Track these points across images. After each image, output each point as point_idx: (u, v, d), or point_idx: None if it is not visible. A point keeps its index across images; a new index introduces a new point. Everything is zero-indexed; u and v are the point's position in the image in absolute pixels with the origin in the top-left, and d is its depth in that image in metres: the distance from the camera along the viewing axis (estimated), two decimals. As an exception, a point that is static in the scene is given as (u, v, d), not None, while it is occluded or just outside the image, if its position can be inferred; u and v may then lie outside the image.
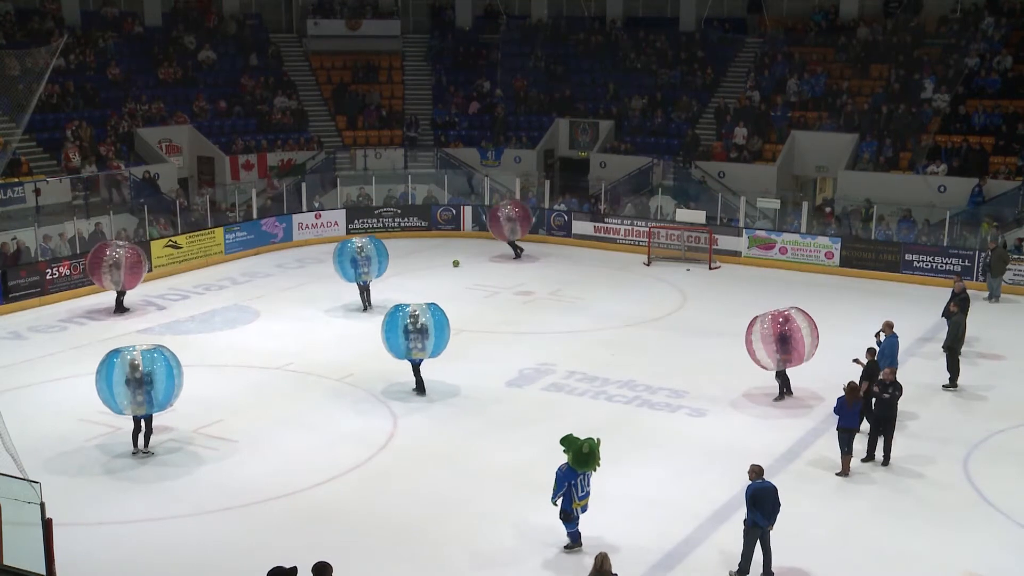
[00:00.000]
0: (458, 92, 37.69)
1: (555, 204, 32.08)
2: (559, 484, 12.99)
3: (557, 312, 23.90)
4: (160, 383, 15.60)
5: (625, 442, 16.44)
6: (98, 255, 22.93)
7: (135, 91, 33.28)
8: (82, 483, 14.86)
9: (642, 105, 35.57)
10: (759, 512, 12.33)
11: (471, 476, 15.20)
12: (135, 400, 15.53)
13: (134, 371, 15.45)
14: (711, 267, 28.09)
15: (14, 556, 10.59)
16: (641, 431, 16.96)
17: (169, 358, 15.82)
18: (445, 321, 18.38)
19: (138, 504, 14.29)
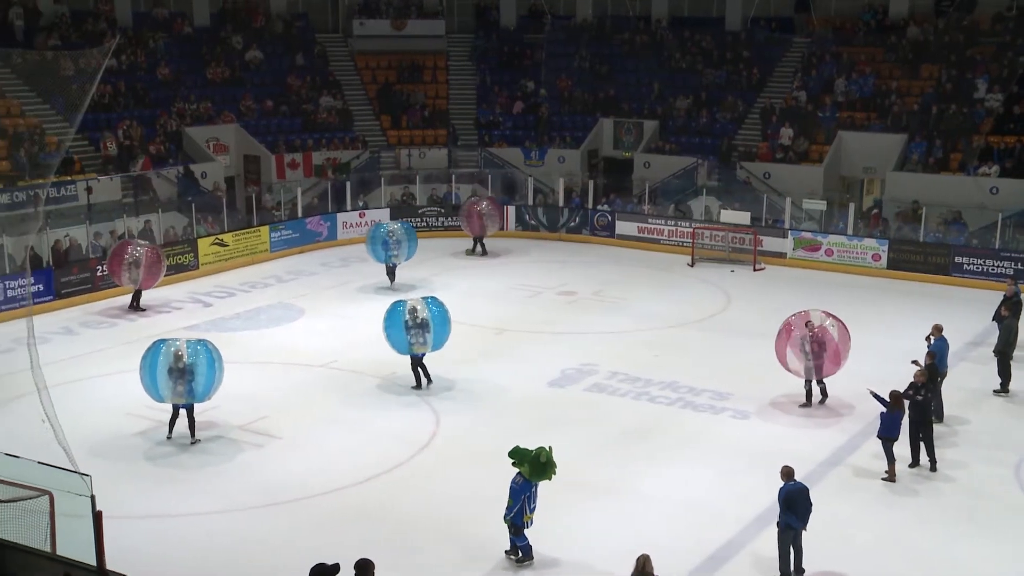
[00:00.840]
0: (502, 92, 37.77)
1: (599, 204, 32.05)
2: (516, 499, 12.63)
3: (600, 312, 23.88)
4: (201, 376, 16.04)
5: (668, 444, 16.42)
6: (119, 253, 23.34)
7: (184, 91, 33.74)
8: (129, 477, 15.12)
9: (687, 105, 35.42)
10: (793, 514, 12.27)
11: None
12: (175, 390, 16.01)
13: (177, 361, 15.92)
14: (755, 268, 27.92)
15: (66, 547, 10.83)
16: (684, 433, 16.91)
17: (212, 352, 16.24)
18: (445, 314, 18.66)
19: (184, 498, 14.52)
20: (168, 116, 32.34)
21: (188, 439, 16.26)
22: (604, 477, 15.26)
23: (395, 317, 18.35)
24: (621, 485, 15.01)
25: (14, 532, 11.02)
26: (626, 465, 15.68)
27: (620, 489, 14.88)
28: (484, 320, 23.02)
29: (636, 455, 16.03)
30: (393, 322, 18.38)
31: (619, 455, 16.03)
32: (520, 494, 12.64)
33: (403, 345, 18.43)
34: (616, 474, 15.37)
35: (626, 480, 15.17)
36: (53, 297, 23.83)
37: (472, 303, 24.48)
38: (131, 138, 30.40)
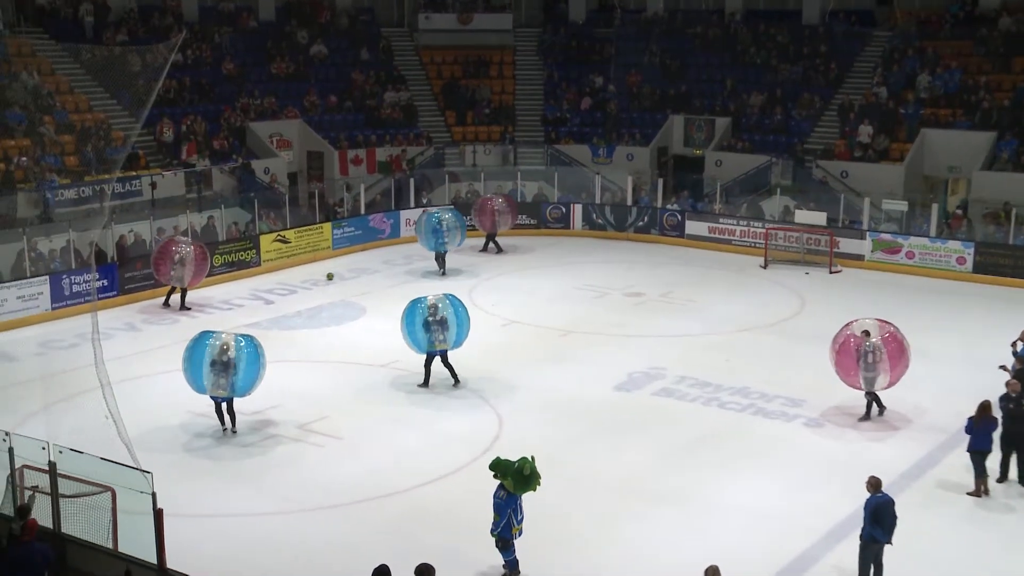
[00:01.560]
0: (570, 88, 37.69)
1: (668, 203, 31.84)
2: (502, 514, 12.37)
3: (669, 315, 23.72)
4: (243, 370, 16.31)
5: (738, 452, 16.22)
6: (164, 251, 23.66)
7: (248, 86, 34.24)
8: (191, 475, 15.35)
9: (761, 101, 35.02)
10: (879, 527, 12.03)
11: (576, 482, 15.18)
12: (217, 383, 16.30)
13: (222, 354, 16.21)
14: (831, 271, 27.51)
15: (128, 543, 11.02)
16: (755, 441, 16.70)
17: (257, 347, 16.54)
18: (465, 312, 18.80)
19: (244, 498, 14.69)
20: (232, 111, 32.84)
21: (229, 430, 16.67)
22: (672, 485, 15.12)
23: (414, 315, 18.54)
24: (689, 494, 14.86)
25: (77, 527, 11.25)
26: (695, 473, 15.52)
27: (688, 498, 14.74)
28: (549, 322, 23.00)
29: (705, 463, 15.87)
30: (412, 320, 18.56)
31: (687, 463, 15.88)
32: (505, 508, 12.43)
33: (422, 343, 18.60)
34: (684, 483, 15.22)
35: (695, 489, 15.01)
36: (117, 293, 24.32)
37: (536, 304, 24.48)
38: (194, 132, 30.93)
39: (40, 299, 23.05)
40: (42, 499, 11.34)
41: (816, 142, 33.45)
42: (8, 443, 11.35)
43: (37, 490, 11.54)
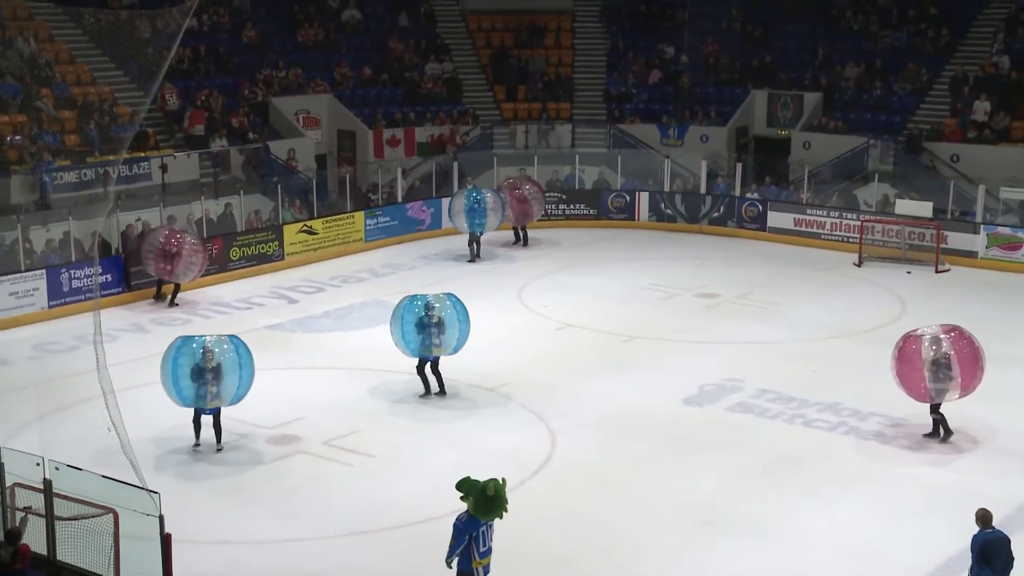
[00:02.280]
0: (637, 59, 37.58)
1: (748, 191, 31.64)
2: (459, 539, 11.83)
3: (747, 319, 23.59)
4: (231, 376, 16.38)
5: (827, 477, 16.08)
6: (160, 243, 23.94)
7: (271, 56, 34.55)
8: (203, 495, 15.50)
9: (858, 74, 34.69)
10: (989, 568, 11.84)
11: (640, 508, 15.14)
12: (199, 393, 16.35)
13: (205, 361, 16.25)
14: (938, 270, 27.22)
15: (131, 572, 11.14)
16: (847, 465, 16.55)
17: (241, 351, 16.59)
18: (465, 313, 18.84)
19: (263, 523, 14.79)
20: (253, 85, 33.15)
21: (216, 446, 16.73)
22: (749, 514, 15.01)
23: (408, 314, 18.59)
24: (769, 525, 14.74)
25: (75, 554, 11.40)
26: (776, 501, 15.40)
27: (768, 529, 14.62)
28: (610, 325, 22.97)
29: (788, 489, 15.74)
30: (406, 319, 18.60)
31: (767, 488, 15.77)
32: (464, 533, 11.87)
33: (415, 346, 18.65)
34: (764, 511, 15.10)
35: (776, 519, 14.90)
36: (122, 289, 24.65)
37: (596, 305, 24.46)
38: (211, 108, 31.26)
39: (36, 296, 23.42)
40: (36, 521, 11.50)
41: (922, 121, 33.06)
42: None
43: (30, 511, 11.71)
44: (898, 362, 17.12)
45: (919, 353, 16.80)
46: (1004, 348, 21.51)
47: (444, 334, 18.63)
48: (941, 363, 16.69)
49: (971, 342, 17.01)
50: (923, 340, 16.91)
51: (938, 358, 16.68)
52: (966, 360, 16.78)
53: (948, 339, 16.87)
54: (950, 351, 16.71)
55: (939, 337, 16.90)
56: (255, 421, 17.96)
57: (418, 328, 18.56)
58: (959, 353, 16.75)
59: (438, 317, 18.57)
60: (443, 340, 18.67)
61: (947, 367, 16.69)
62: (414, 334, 18.60)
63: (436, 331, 18.57)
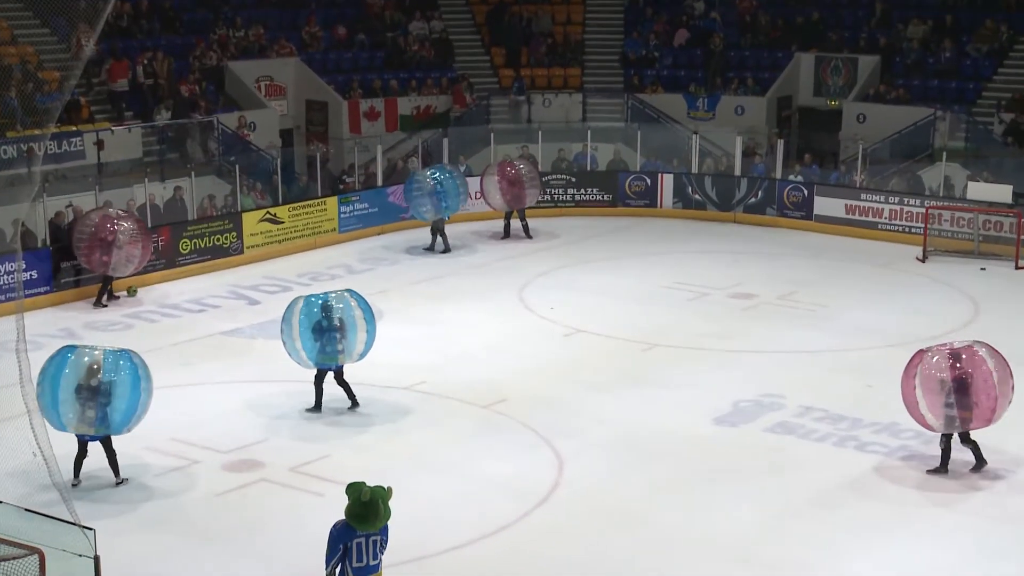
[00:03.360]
0: (659, 16, 37.73)
1: (791, 174, 31.73)
2: (331, 548, 12.09)
3: (789, 323, 23.69)
4: (121, 399, 16.15)
5: (884, 510, 16.13)
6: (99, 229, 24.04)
7: (227, 12, 34.62)
8: (146, 532, 15.52)
9: (923, 33, 34.79)
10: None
11: (661, 546, 15.19)
12: (84, 416, 16.09)
13: (91, 377, 16.03)
14: (1019, 265, 27.31)
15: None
16: (906, 495, 16.60)
17: (138, 366, 16.40)
18: (371, 313, 19.03)
19: (220, 563, 14.81)
20: (206, 46, 33.21)
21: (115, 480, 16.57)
22: (790, 555, 15.07)
23: (302, 317, 18.65)
24: (815, 565, 14.79)
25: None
26: (823, 539, 15.44)
27: (814, 571, 14.67)
28: (627, 331, 23.08)
29: (837, 526, 15.77)
30: (302, 323, 18.66)
31: (814, 523, 15.81)
32: (336, 542, 12.08)
33: (311, 354, 18.74)
34: (808, 552, 15.14)
35: (823, 559, 14.94)
36: (50, 288, 24.71)
37: (611, 307, 24.58)
38: (156, 75, 31.32)
39: (-51, 295, 23.55)
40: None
41: (1000, 89, 33.19)
42: (-97, 486, 11.59)
43: (-58, 551, 11.77)
44: (907, 383, 16.85)
45: (928, 374, 16.56)
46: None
47: (347, 338, 18.73)
48: (954, 386, 16.37)
49: (999, 359, 16.68)
50: (935, 358, 16.64)
51: (952, 379, 16.41)
52: (988, 383, 16.44)
53: (966, 358, 16.56)
54: (967, 372, 16.39)
55: (955, 355, 16.61)
56: (208, 444, 18.01)
57: (316, 333, 18.62)
58: (977, 374, 16.42)
59: (339, 319, 18.66)
60: (346, 345, 18.77)
61: (963, 392, 16.38)
62: (310, 340, 18.66)
63: (338, 336, 18.66)
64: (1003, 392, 16.67)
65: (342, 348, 18.76)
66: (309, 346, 18.73)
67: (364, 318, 18.92)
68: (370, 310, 19.18)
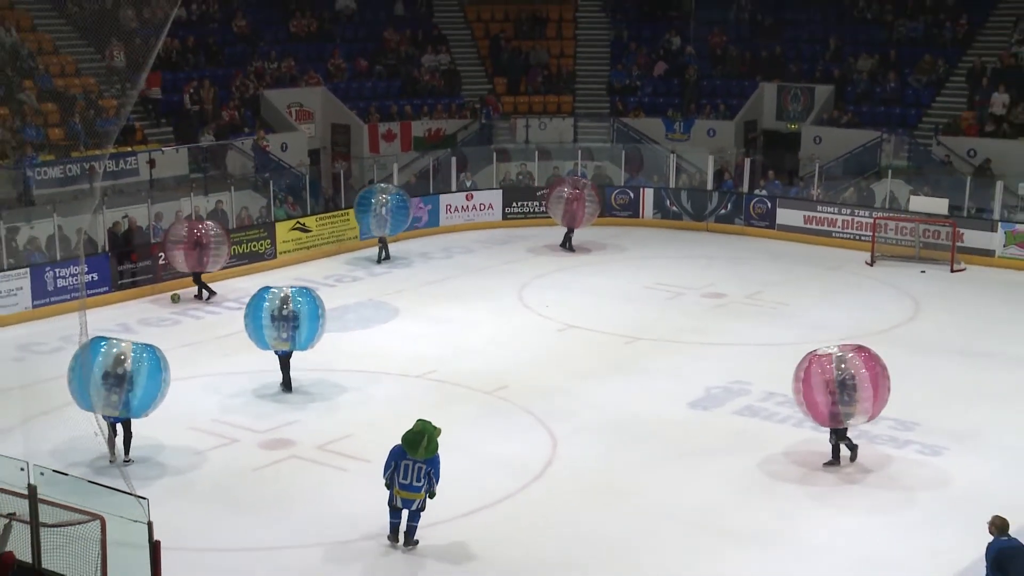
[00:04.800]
0: (641, 50, 37.66)
1: (756, 188, 31.70)
2: (387, 461, 14.01)
3: (755, 320, 23.66)
4: (140, 387, 16.15)
5: (837, 484, 16.16)
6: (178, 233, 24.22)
7: (263, 47, 34.62)
8: (192, 502, 15.57)
9: (871, 66, 34.74)
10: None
11: (643, 516, 15.21)
12: (109, 400, 16.08)
13: (117, 366, 16.03)
14: (954, 269, 27.26)
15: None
16: (857, 471, 16.59)
17: (159, 359, 16.45)
18: (318, 308, 19.11)
19: (252, 530, 14.86)
20: (244, 77, 33.23)
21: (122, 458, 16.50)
22: (757, 522, 15.08)
23: (259, 307, 18.91)
24: (778, 532, 14.81)
25: (61, 561, 11.44)
26: (784, 508, 15.47)
27: (777, 537, 14.69)
28: (613, 326, 23.06)
29: (796, 496, 15.82)
30: (256, 312, 18.93)
31: (775, 495, 15.84)
32: (391, 458, 13.97)
33: (264, 340, 18.99)
34: (772, 519, 15.17)
35: (784, 526, 14.97)
36: (109, 288, 24.75)
37: (599, 305, 24.54)
38: (201, 101, 31.35)
39: (19, 295, 23.54)
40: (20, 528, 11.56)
41: (938, 114, 33.11)
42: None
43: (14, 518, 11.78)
44: (800, 383, 16.37)
45: (822, 374, 16.09)
46: (1019, 348, 21.65)
47: (295, 329, 18.90)
48: (847, 384, 16.01)
49: (878, 362, 16.33)
50: (827, 360, 16.19)
51: (844, 379, 16.00)
52: (873, 381, 16.14)
53: (853, 359, 16.22)
54: (855, 371, 16.06)
55: (844, 357, 16.21)
56: (246, 425, 18.07)
57: (270, 321, 18.88)
58: (865, 374, 16.08)
59: (289, 310, 18.83)
60: (292, 335, 18.95)
61: (852, 389, 16.02)
62: (266, 328, 18.93)
63: (285, 325, 18.86)
64: (882, 391, 16.31)
65: (287, 336, 18.96)
66: (263, 333, 18.99)
67: (312, 314, 19.09)
68: (321, 308, 19.32)
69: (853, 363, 16.17)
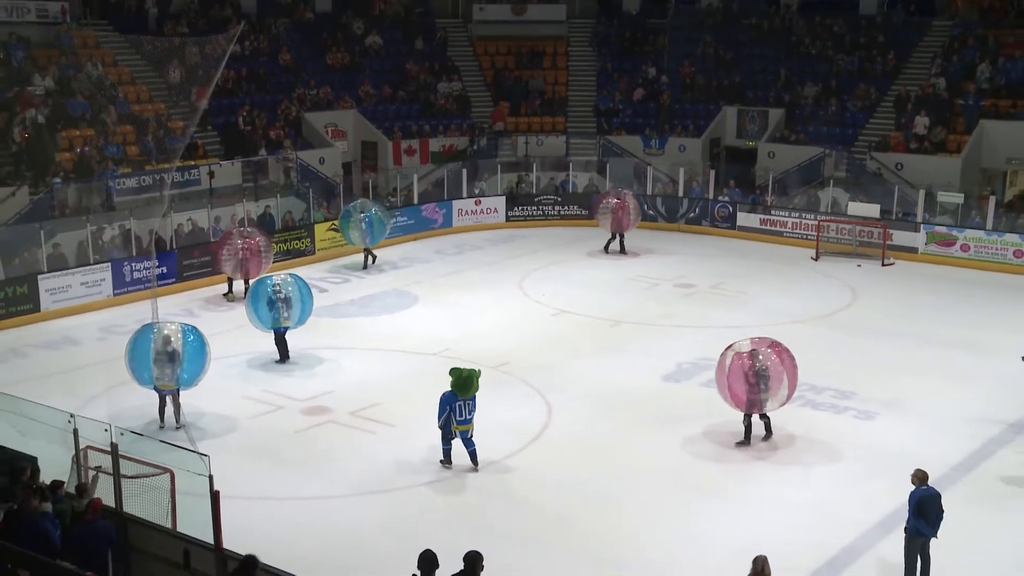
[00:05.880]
0: (623, 78, 37.58)
1: (720, 195, 31.68)
2: (442, 407, 14.90)
3: (719, 306, 23.65)
4: (188, 362, 16.22)
5: (786, 443, 16.18)
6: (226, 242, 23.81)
7: (304, 76, 34.60)
8: (245, 459, 15.62)
9: (815, 93, 34.68)
10: (924, 520, 11.98)
11: (625, 472, 15.27)
12: (162, 374, 16.19)
13: (166, 345, 16.11)
14: (884, 263, 27.23)
15: (186, 524, 11.31)
16: (804, 433, 16.63)
17: (203, 339, 16.50)
18: (308, 292, 19.49)
19: (297, 483, 14.95)
20: (288, 102, 33.22)
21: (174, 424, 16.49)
22: (719, 477, 15.15)
23: (259, 294, 19.14)
24: (737, 485, 14.87)
25: (138, 507, 11.55)
26: (743, 465, 15.52)
27: (736, 490, 14.76)
28: (599, 312, 23.07)
29: (753, 455, 15.85)
30: (257, 298, 19.12)
31: (736, 454, 15.88)
32: (444, 404, 14.86)
33: (266, 320, 19.16)
34: (732, 474, 15.23)
35: (742, 480, 15.03)
36: (175, 280, 24.80)
37: (587, 294, 24.54)
38: (253, 123, 31.36)
39: (103, 285, 23.59)
40: (105, 479, 11.66)
41: (871, 134, 33.09)
42: (73, 424, 11.69)
43: (100, 470, 11.89)
44: (720, 373, 15.91)
45: (740, 365, 15.63)
46: (939, 331, 21.71)
47: (291, 309, 19.10)
48: (761, 374, 15.60)
49: (788, 354, 15.87)
50: (743, 353, 15.71)
51: (759, 369, 15.59)
52: (784, 371, 15.72)
53: (766, 352, 15.78)
54: (768, 363, 15.63)
55: (758, 350, 15.78)
56: (290, 394, 18.13)
57: (268, 305, 19.02)
58: (777, 365, 15.68)
59: (285, 294, 19.00)
60: (291, 314, 19.15)
61: (766, 378, 15.61)
62: (265, 311, 19.07)
63: (284, 307, 19.05)
64: (792, 379, 15.94)
65: (287, 315, 19.16)
66: (264, 315, 19.12)
67: (303, 296, 19.29)
68: (309, 291, 19.59)
69: (768, 356, 15.73)
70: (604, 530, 13.61)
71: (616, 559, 12.93)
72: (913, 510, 12.05)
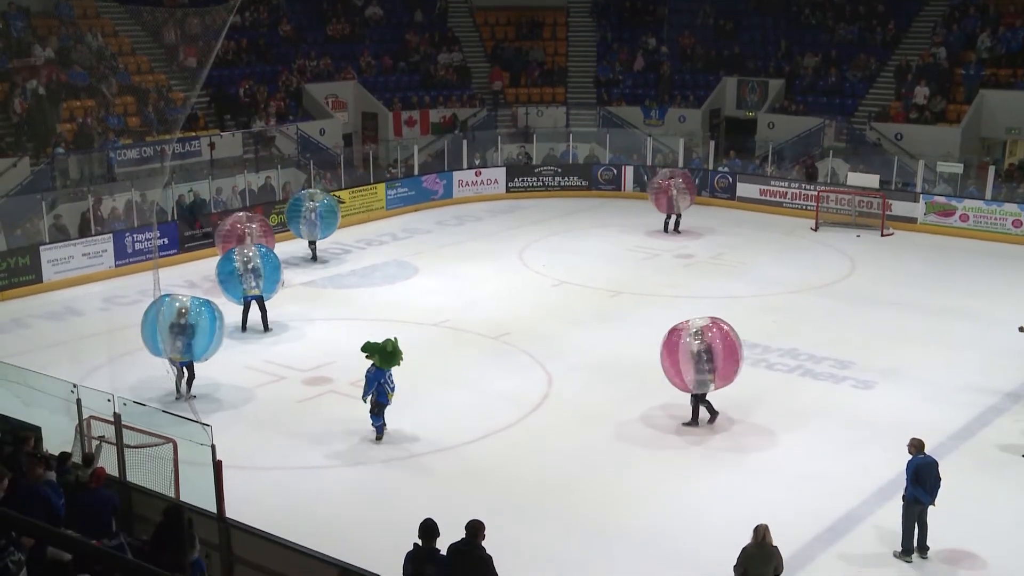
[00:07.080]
0: (623, 49, 37.34)
1: (719, 165, 31.55)
2: (370, 384, 14.92)
3: (718, 276, 23.60)
4: (202, 334, 16.24)
5: (786, 413, 16.18)
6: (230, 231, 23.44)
7: (304, 47, 34.37)
8: (247, 429, 15.65)
9: (815, 63, 34.47)
10: (921, 487, 12.00)
11: (626, 440, 15.28)
12: (175, 346, 16.20)
13: (180, 318, 16.14)
14: (883, 234, 27.14)
15: (188, 493, 11.31)
16: (803, 402, 16.64)
17: (215, 311, 16.52)
18: (276, 262, 19.63)
19: (298, 452, 14.97)
20: (289, 73, 33.01)
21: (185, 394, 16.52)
22: (720, 445, 15.15)
23: (228, 266, 19.27)
24: (738, 453, 14.90)
25: (142, 476, 11.57)
26: (743, 433, 15.52)
27: (736, 457, 14.77)
28: (599, 282, 23.02)
29: (753, 423, 15.86)
30: (226, 271, 19.26)
31: (736, 423, 15.88)
32: (374, 380, 14.90)
33: (236, 291, 19.30)
34: (732, 442, 15.23)
35: (743, 448, 15.04)
36: (177, 251, 24.72)
37: (587, 265, 24.49)
38: (254, 95, 31.16)
39: (104, 256, 23.55)
40: (108, 449, 11.66)
41: (870, 104, 32.91)
42: (76, 394, 11.68)
43: (103, 440, 11.89)
44: (666, 355, 15.43)
45: (683, 345, 15.20)
46: (938, 301, 21.68)
47: (259, 278, 19.25)
48: (703, 355, 15.17)
49: (730, 335, 15.39)
50: (687, 333, 15.27)
51: (701, 350, 15.15)
52: (726, 352, 15.27)
53: (711, 332, 15.31)
54: (712, 343, 15.19)
55: (702, 330, 15.31)
56: (291, 364, 18.11)
57: (237, 276, 19.20)
58: (720, 345, 15.23)
59: (253, 264, 19.20)
60: (258, 282, 19.28)
61: (708, 359, 15.19)
62: (236, 281, 19.22)
63: (251, 276, 19.20)
64: (738, 359, 15.55)
65: (255, 284, 19.25)
66: (235, 286, 19.28)
67: (271, 266, 19.44)
68: (276, 260, 19.71)
69: (711, 336, 15.28)
70: (604, 499, 13.62)
71: (616, 528, 12.95)
72: (911, 478, 12.07)
